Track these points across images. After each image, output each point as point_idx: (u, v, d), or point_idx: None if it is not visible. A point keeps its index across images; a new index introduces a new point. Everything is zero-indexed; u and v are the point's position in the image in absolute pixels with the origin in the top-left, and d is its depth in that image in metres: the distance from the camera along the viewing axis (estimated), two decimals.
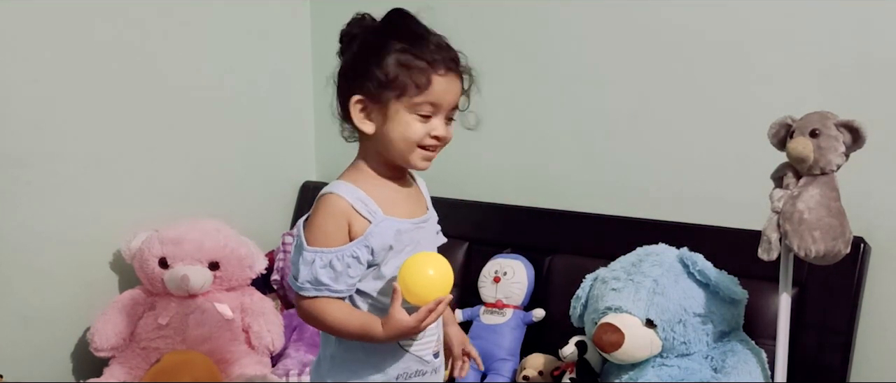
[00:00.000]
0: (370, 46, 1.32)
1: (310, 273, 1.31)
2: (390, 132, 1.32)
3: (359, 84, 1.32)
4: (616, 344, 1.75)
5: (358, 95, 1.32)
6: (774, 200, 1.60)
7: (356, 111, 1.33)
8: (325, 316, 1.32)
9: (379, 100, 1.31)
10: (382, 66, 1.29)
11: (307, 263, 1.31)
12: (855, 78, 1.88)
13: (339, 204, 1.32)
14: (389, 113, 1.31)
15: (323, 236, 1.31)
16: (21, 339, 2.29)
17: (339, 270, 1.30)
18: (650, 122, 2.21)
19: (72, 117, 2.35)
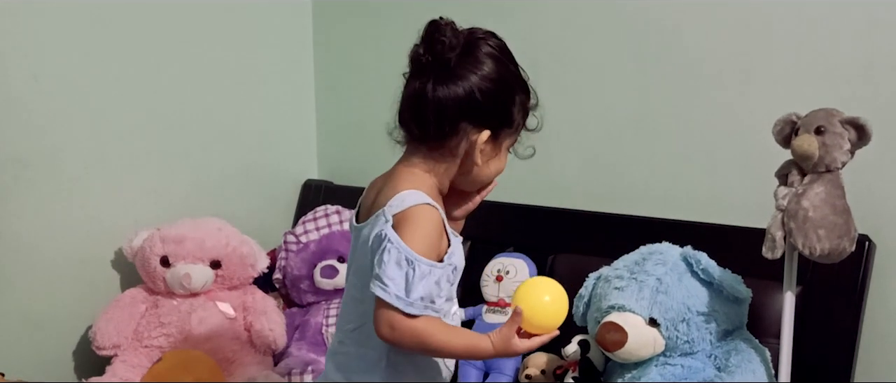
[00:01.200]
0: (508, 84, 1.29)
1: (425, 288, 1.21)
2: (491, 166, 1.33)
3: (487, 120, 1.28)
4: (619, 343, 1.74)
5: (488, 132, 1.28)
6: (779, 198, 1.60)
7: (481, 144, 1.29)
8: (427, 338, 1.22)
9: (498, 137, 1.31)
10: (513, 110, 1.30)
11: (423, 276, 1.20)
12: (860, 74, 1.87)
13: (437, 216, 1.27)
14: (501, 150, 1.33)
15: (429, 249, 1.23)
16: (23, 338, 2.29)
17: (441, 288, 1.25)
18: (653, 120, 2.20)
19: (73, 116, 2.35)
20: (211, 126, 2.67)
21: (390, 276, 1.20)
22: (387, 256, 1.21)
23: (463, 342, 1.27)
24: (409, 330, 1.21)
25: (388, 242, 1.22)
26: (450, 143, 1.29)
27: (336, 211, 2.60)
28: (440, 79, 1.26)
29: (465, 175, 1.33)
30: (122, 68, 2.43)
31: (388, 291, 1.20)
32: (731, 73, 2.06)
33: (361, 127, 2.90)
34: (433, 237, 1.25)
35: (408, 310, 1.20)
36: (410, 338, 1.22)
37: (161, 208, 2.49)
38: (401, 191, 1.27)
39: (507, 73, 1.29)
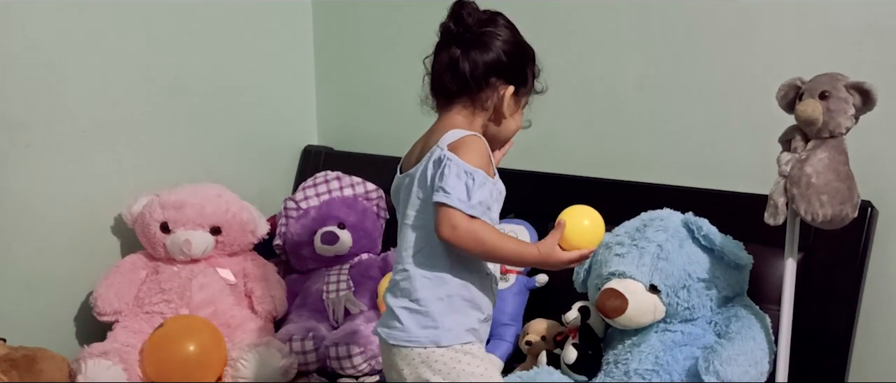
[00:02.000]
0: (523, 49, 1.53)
1: (483, 195, 1.41)
2: (510, 123, 1.54)
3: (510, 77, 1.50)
4: (619, 310, 1.74)
5: (512, 87, 1.50)
6: (782, 164, 1.59)
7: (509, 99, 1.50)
8: (484, 238, 1.40)
9: (518, 95, 1.52)
10: (528, 71, 1.53)
11: (481, 185, 1.40)
12: (865, 38, 1.85)
13: (486, 146, 1.47)
14: (519, 108, 1.55)
15: (482, 166, 1.43)
16: (24, 304, 2.30)
17: (492, 200, 1.45)
18: (655, 86, 2.19)
19: (72, 80, 2.34)
20: (210, 91, 2.66)
21: (452, 185, 1.39)
22: (447, 171, 1.40)
23: (513, 245, 1.46)
24: (468, 228, 1.39)
25: (447, 160, 1.41)
26: (482, 97, 1.50)
27: (336, 177, 2.59)
28: (471, 44, 1.49)
29: (493, 129, 1.54)
30: (121, 33, 2.41)
31: (451, 197, 1.39)
32: (735, 38, 2.03)
33: (361, 93, 2.89)
34: (483, 158, 1.44)
35: (469, 212, 1.39)
36: (468, 235, 1.39)
37: (160, 173, 2.49)
38: (451, 129, 1.48)
39: (521, 41, 1.53)
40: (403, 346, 1.46)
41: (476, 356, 1.47)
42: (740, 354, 1.67)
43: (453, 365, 1.44)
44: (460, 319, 1.46)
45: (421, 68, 2.69)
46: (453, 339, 1.44)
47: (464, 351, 1.45)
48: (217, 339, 2.13)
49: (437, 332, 1.44)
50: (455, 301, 1.46)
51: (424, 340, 1.44)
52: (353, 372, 2.14)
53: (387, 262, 2.43)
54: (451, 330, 1.44)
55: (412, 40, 2.69)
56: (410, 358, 1.46)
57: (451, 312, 1.45)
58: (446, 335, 1.44)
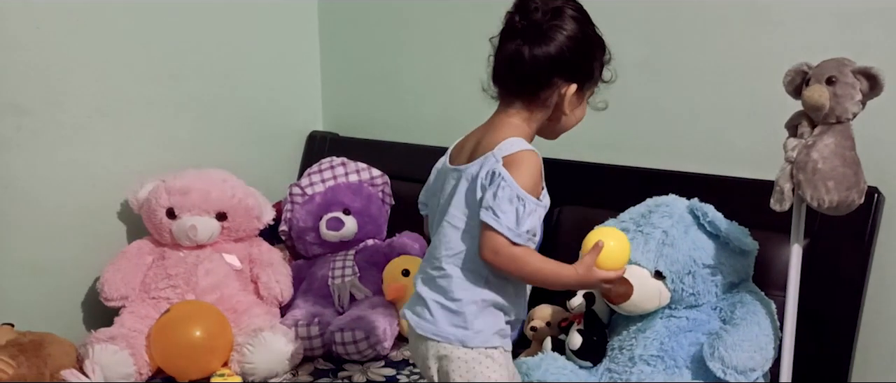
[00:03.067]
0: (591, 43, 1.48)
1: (532, 223, 1.40)
2: (574, 116, 1.52)
3: (573, 74, 1.46)
4: (624, 296, 1.74)
5: (576, 85, 1.47)
6: (788, 150, 1.58)
7: (570, 96, 1.47)
8: (528, 264, 1.41)
9: (582, 90, 1.49)
10: (594, 66, 1.49)
11: (531, 213, 1.39)
12: (873, 23, 1.83)
13: (539, 161, 1.45)
14: (583, 101, 1.52)
15: (533, 189, 1.41)
16: (31, 289, 2.31)
17: (537, 223, 1.43)
18: (661, 70, 2.17)
19: (76, 65, 2.34)
20: (216, 77, 2.66)
21: (503, 210, 1.38)
22: (501, 192, 1.39)
23: (551, 268, 1.45)
24: (509, 255, 1.39)
25: (501, 180, 1.39)
26: (542, 95, 1.46)
27: (341, 163, 2.59)
28: (534, 40, 1.43)
29: (552, 124, 1.52)
30: (126, 17, 2.41)
31: (501, 222, 1.38)
32: (741, 22, 2.02)
33: (366, 78, 2.88)
34: (536, 178, 1.43)
35: (516, 240, 1.38)
36: (509, 263, 1.40)
37: (166, 159, 2.49)
38: (507, 138, 1.45)
39: (589, 33, 1.48)
40: (430, 339, 1.48)
41: (496, 361, 1.47)
42: (745, 340, 1.67)
43: (473, 366, 1.46)
44: (491, 321, 1.48)
45: (426, 54, 2.71)
46: (480, 342, 1.46)
47: (486, 354, 1.46)
48: (223, 325, 2.14)
49: (467, 334, 1.46)
50: (488, 306, 1.47)
51: (452, 338, 1.46)
52: (359, 358, 2.15)
53: (392, 248, 2.43)
54: (481, 333, 1.46)
55: (418, 25, 2.71)
56: (435, 350, 1.48)
57: (483, 315, 1.47)
58: (475, 337, 1.46)
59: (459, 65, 2.58)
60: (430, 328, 1.48)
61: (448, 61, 2.61)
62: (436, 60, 2.66)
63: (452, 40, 2.59)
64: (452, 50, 2.60)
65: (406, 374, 2.08)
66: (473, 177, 1.45)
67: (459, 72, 2.63)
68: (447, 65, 2.62)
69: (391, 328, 2.20)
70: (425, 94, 2.71)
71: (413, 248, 2.41)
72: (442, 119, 2.60)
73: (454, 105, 2.58)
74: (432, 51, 2.67)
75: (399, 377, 2.08)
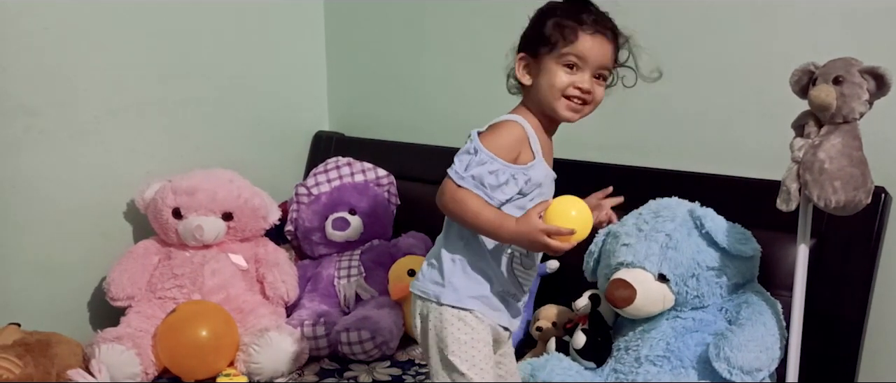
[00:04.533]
0: (541, 13, 1.54)
1: (477, 170, 1.45)
2: (541, 82, 1.51)
3: (523, 44, 1.55)
4: (628, 300, 1.74)
5: (521, 53, 1.54)
6: (795, 150, 1.57)
7: (519, 66, 1.54)
8: (465, 204, 1.45)
9: (536, 55, 1.52)
10: (543, 27, 1.51)
11: (480, 163, 1.46)
12: (880, 22, 1.83)
13: (519, 131, 1.51)
14: (542, 65, 1.51)
15: (497, 148, 1.47)
16: (38, 289, 2.32)
17: (499, 181, 1.47)
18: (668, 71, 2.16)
19: (84, 66, 2.35)
20: (222, 77, 2.66)
21: (459, 158, 1.48)
22: (463, 147, 1.49)
23: (491, 213, 1.46)
24: (451, 195, 1.47)
25: (469, 138, 1.49)
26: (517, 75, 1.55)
27: (347, 163, 2.59)
28: None
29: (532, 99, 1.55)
30: (134, 18, 2.41)
31: (452, 167, 1.48)
32: (748, 22, 2.01)
33: (372, 79, 2.88)
34: (506, 141, 1.49)
35: (458, 182, 1.46)
36: (450, 201, 1.47)
37: (172, 159, 2.49)
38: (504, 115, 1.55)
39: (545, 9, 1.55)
40: (416, 294, 1.56)
41: (468, 324, 1.51)
42: (751, 340, 1.66)
43: (444, 326, 1.51)
44: (470, 283, 1.52)
45: (432, 54, 2.71)
46: (454, 301, 1.51)
47: (458, 316, 1.51)
48: (229, 324, 2.14)
49: (443, 290, 1.51)
50: (466, 266, 1.52)
51: (430, 293, 1.53)
52: (365, 358, 2.15)
53: (398, 248, 2.43)
54: (457, 291, 1.51)
55: (424, 25, 2.71)
56: (418, 306, 1.56)
57: (460, 274, 1.52)
58: (449, 294, 1.51)
59: (466, 64, 2.58)
60: (417, 284, 1.56)
61: (454, 61, 2.61)
62: (442, 60, 2.66)
63: (459, 40, 2.59)
64: (459, 49, 2.59)
65: (412, 374, 2.08)
66: None
67: (466, 71, 2.64)
68: (453, 64, 2.61)
69: (397, 328, 2.20)
70: (431, 94, 2.70)
71: (419, 248, 2.41)
72: (448, 119, 2.60)
73: (460, 105, 2.58)
74: (439, 50, 2.67)
75: (405, 377, 2.08)
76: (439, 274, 1.53)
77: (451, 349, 1.49)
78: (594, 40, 1.50)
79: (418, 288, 1.56)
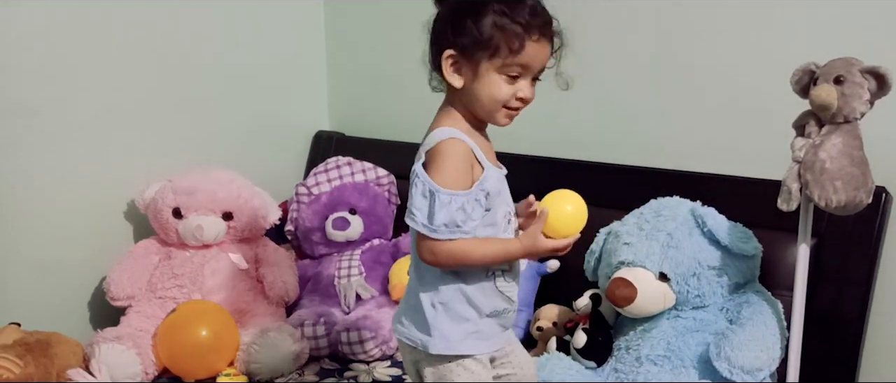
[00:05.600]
0: (469, 2, 1.35)
1: (447, 215, 1.32)
2: (478, 90, 1.37)
3: (452, 39, 1.35)
4: (628, 299, 1.74)
5: (450, 51, 1.36)
6: (795, 150, 1.57)
7: (447, 66, 1.37)
8: (466, 254, 1.35)
9: (471, 58, 1.35)
10: (479, 24, 1.33)
11: (444, 205, 1.32)
12: (881, 22, 1.83)
13: (463, 147, 1.36)
14: (480, 71, 1.36)
15: (453, 179, 1.34)
16: (38, 289, 2.31)
17: (468, 212, 1.34)
18: (667, 69, 2.17)
19: (84, 65, 2.34)
20: (222, 77, 2.66)
21: (418, 206, 1.34)
22: (414, 190, 1.34)
23: (495, 249, 1.39)
24: (446, 252, 1.34)
25: (415, 177, 1.35)
26: (441, 73, 1.39)
27: (347, 162, 2.59)
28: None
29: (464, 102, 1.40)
30: (133, 17, 2.41)
31: (416, 220, 1.34)
32: (748, 21, 2.01)
33: (372, 78, 2.88)
34: (457, 167, 1.35)
35: (433, 236, 1.33)
36: (449, 259, 1.35)
37: (172, 159, 2.49)
38: (434, 130, 1.39)
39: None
40: (403, 341, 1.47)
41: (468, 370, 1.43)
42: (751, 339, 1.66)
43: (444, 374, 1.43)
44: (458, 326, 1.42)
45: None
46: (445, 349, 1.41)
47: (458, 363, 1.42)
48: (229, 324, 2.14)
49: (430, 339, 1.41)
50: (450, 306, 1.41)
51: (418, 343, 1.44)
52: (365, 358, 2.15)
53: (398, 248, 2.43)
54: (447, 339, 1.41)
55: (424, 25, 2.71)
56: (413, 355, 1.47)
57: (445, 318, 1.42)
58: (439, 344, 1.41)
59: None
60: (403, 331, 1.46)
61: None
62: None
63: None
64: None
65: None
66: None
67: None
68: None
69: None
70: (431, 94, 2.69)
71: None
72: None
73: None
74: None
75: (405, 377, 2.07)
76: (423, 322, 1.42)
77: None
78: (538, 46, 1.36)
79: (404, 335, 1.45)
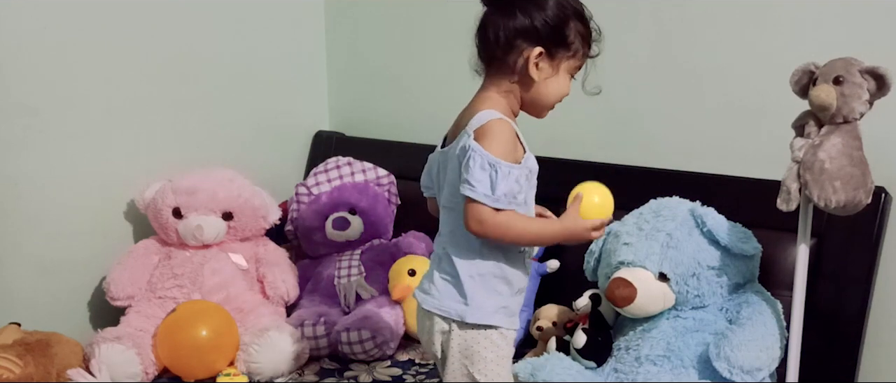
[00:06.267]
0: (563, 9, 1.48)
1: (507, 186, 1.41)
2: (550, 85, 1.50)
3: (542, 39, 1.46)
4: (628, 299, 1.74)
5: (539, 48, 1.46)
6: (795, 150, 1.57)
7: (533, 60, 1.47)
8: (510, 226, 1.43)
9: (553, 57, 1.48)
10: (567, 29, 1.47)
11: (505, 176, 1.40)
12: (881, 22, 1.83)
13: (510, 127, 1.47)
14: (559, 70, 1.49)
15: (505, 153, 1.43)
16: (38, 289, 2.31)
17: (521, 187, 1.45)
18: (667, 69, 2.17)
19: (85, 65, 2.34)
20: (222, 77, 2.66)
21: (477, 179, 1.40)
22: (472, 162, 1.41)
23: (538, 226, 1.50)
24: (494, 222, 1.41)
25: (472, 151, 1.42)
26: (509, 60, 1.48)
27: (347, 162, 2.59)
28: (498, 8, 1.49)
29: (528, 95, 1.51)
30: (133, 17, 2.41)
31: (476, 191, 1.40)
32: (748, 21, 2.02)
33: (372, 78, 2.88)
34: (508, 144, 1.44)
35: (494, 205, 1.41)
36: (494, 229, 1.42)
37: (173, 159, 2.49)
38: (480, 112, 1.48)
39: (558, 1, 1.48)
40: (434, 313, 1.52)
41: (495, 343, 1.50)
42: (751, 339, 1.66)
43: (471, 345, 1.49)
44: (491, 299, 1.49)
45: (433, 53, 2.71)
46: (479, 319, 1.48)
47: (485, 335, 1.49)
48: (229, 324, 2.14)
49: (467, 309, 1.48)
50: (487, 279, 1.49)
51: (452, 313, 1.49)
52: (365, 358, 2.15)
53: (398, 248, 2.43)
54: (481, 309, 1.48)
55: (424, 25, 2.71)
56: (440, 326, 1.52)
57: (482, 290, 1.48)
58: (474, 312, 1.48)
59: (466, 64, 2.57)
60: (434, 302, 1.51)
61: (455, 60, 2.58)
62: (442, 59, 2.65)
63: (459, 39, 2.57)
64: (459, 49, 2.56)
65: (412, 374, 2.08)
66: (452, 155, 1.49)
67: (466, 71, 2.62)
68: (454, 64, 2.58)
69: (397, 327, 2.20)
70: (432, 94, 2.70)
71: (419, 248, 2.41)
72: (449, 118, 2.56)
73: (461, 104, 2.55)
74: (439, 50, 2.66)
75: (405, 377, 2.08)
76: (458, 292, 1.49)
77: (477, 367, 1.49)
78: None
79: (435, 306, 1.51)
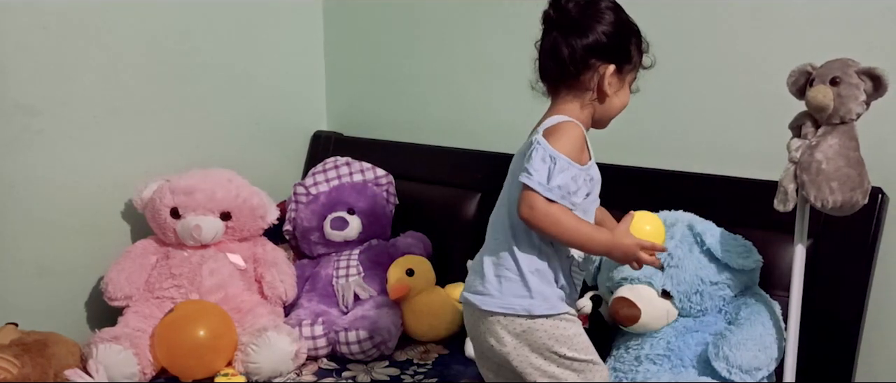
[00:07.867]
0: (625, 28, 1.56)
1: (563, 180, 1.45)
2: (616, 99, 1.57)
3: (611, 56, 1.53)
4: (633, 319, 1.74)
5: (613, 66, 1.53)
6: (792, 150, 1.58)
7: (608, 77, 1.53)
8: (561, 221, 1.45)
9: (621, 73, 1.56)
10: (630, 48, 1.56)
11: (562, 170, 1.45)
12: (877, 24, 1.83)
13: (581, 132, 1.52)
14: (624, 84, 1.58)
15: (569, 151, 1.48)
16: (36, 289, 2.32)
17: (577, 186, 1.49)
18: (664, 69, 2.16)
19: (83, 66, 2.35)
20: (221, 77, 2.66)
21: (535, 168, 1.45)
22: (534, 154, 1.46)
23: (585, 229, 1.50)
24: (544, 211, 1.44)
25: (537, 144, 1.48)
26: (583, 79, 1.53)
27: (346, 162, 2.59)
28: (569, 30, 1.52)
29: (600, 108, 1.57)
30: (132, 18, 2.42)
31: (533, 179, 1.44)
32: (746, 21, 2.02)
33: (371, 78, 2.88)
34: (574, 145, 1.49)
35: (546, 195, 1.44)
36: (544, 218, 1.45)
37: (171, 158, 2.50)
38: (552, 117, 1.54)
39: (622, 19, 1.56)
40: (495, 311, 1.52)
41: (567, 321, 1.53)
42: (749, 339, 1.67)
43: (549, 332, 1.51)
44: (553, 290, 1.52)
45: (431, 53, 2.72)
46: (547, 310, 1.50)
47: (556, 322, 1.51)
48: (227, 324, 2.14)
49: (533, 302, 1.50)
50: (545, 273, 1.52)
51: (519, 308, 1.50)
52: (363, 357, 2.15)
53: (396, 248, 2.43)
54: (548, 300, 1.51)
55: (423, 25, 2.71)
56: (501, 323, 1.52)
57: (542, 283, 1.51)
58: (541, 305, 1.50)
59: (464, 64, 2.58)
60: (493, 302, 1.52)
61: (453, 61, 2.61)
62: (441, 60, 2.66)
63: (457, 40, 2.59)
64: (457, 49, 2.59)
65: (410, 374, 2.09)
66: (520, 154, 1.55)
67: (464, 71, 2.64)
68: (452, 64, 2.62)
69: (395, 328, 2.20)
70: (430, 94, 2.71)
71: (417, 248, 2.41)
72: (447, 119, 2.60)
73: (459, 105, 2.58)
74: (437, 50, 2.67)
75: (403, 377, 2.08)
76: (523, 287, 1.51)
77: (565, 347, 1.51)
78: None
79: (497, 305, 1.51)
